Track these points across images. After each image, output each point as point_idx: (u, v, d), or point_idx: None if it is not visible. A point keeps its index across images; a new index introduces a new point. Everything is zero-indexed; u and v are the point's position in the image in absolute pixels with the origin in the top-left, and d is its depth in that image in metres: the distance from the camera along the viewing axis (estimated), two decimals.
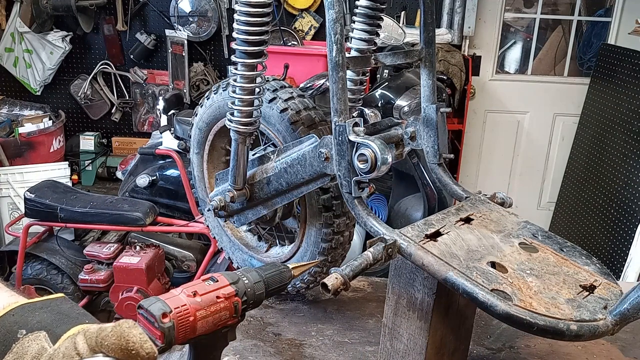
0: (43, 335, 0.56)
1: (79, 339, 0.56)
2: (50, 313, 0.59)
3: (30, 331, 0.56)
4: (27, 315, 0.57)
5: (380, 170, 0.94)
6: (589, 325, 0.79)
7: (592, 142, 3.94)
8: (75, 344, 0.56)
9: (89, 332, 0.56)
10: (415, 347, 0.97)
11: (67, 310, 0.60)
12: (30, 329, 0.56)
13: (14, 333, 0.56)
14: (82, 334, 0.56)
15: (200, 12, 4.23)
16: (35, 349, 0.55)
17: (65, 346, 0.56)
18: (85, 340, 0.56)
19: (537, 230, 1.00)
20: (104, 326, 0.57)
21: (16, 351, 0.55)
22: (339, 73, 0.97)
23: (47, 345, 0.56)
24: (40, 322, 0.57)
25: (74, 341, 0.56)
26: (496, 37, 4.33)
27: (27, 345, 0.55)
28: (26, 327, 0.57)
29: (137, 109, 4.64)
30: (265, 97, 1.22)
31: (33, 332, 0.56)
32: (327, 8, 0.96)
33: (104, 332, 0.55)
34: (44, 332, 0.57)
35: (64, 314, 0.59)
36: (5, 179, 3.84)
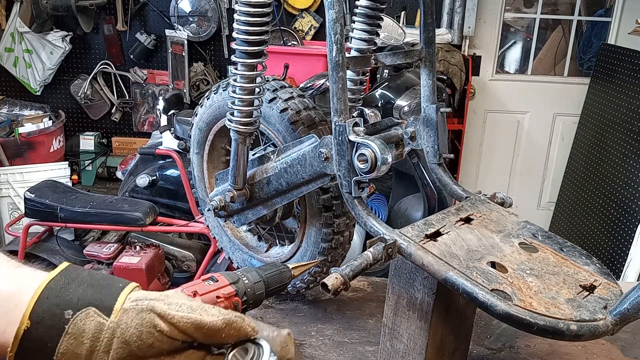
0: (93, 311, 0.54)
1: (154, 318, 0.54)
2: (83, 287, 0.55)
3: (76, 310, 0.53)
4: (62, 295, 0.54)
5: (380, 170, 0.94)
6: (589, 325, 0.79)
7: (592, 142, 3.94)
8: (153, 321, 0.54)
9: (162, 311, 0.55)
10: (415, 347, 0.97)
11: (95, 280, 0.57)
12: (75, 308, 0.53)
13: (59, 315, 0.53)
14: (152, 310, 0.54)
15: (200, 12, 4.23)
16: (92, 326, 0.53)
17: (138, 321, 0.53)
18: (160, 317, 0.54)
19: (537, 230, 1.00)
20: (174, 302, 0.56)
21: (72, 332, 0.52)
22: (339, 73, 0.97)
23: (103, 319, 0.53)
24: (81, 299, 0.54)
25: (150, 318, 0.54)
26: (496, 37, 4.33)
27: (81, 324, 0.53)
28: (69, 307, 0.53)
29: (137, 109, 4.64)
30: (265, 97, 1.22)
31: (80, 310, 0.53)
32: (327, 8, 0.96)
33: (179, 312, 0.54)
34: (92, 307, 0.54)
35: (95, 284, 0.56)
36: (5, 179, 3.84)
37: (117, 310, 0.54)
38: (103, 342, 0.53)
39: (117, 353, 0.53)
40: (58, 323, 0.52)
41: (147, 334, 0.54)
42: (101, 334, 0.53)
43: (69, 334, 0.52)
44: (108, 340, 0.53)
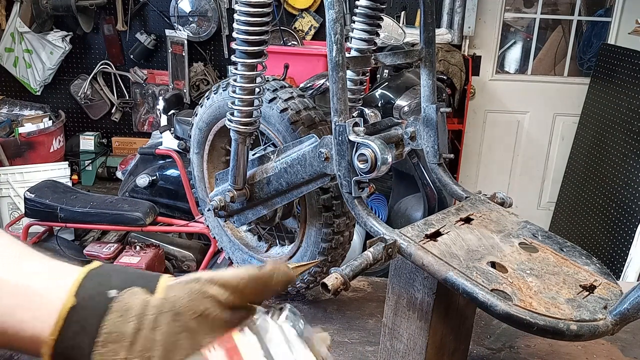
0: (138, 289, 0.52)
1: (203, 284, 0.52)
2: (123, 274, 0.54)
3: (120, 290, 0.52)
4: (104, 279, 0.52)
5: (380, 170, 0.94)
6: (589, 325, 0.79)
7: (592, 142, 3.94)
8: (202, 288, 0.52)
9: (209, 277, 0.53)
10: (415, 347, 0.97)
11: (133, 270, 0.56)
12: (120, 288, 0.52)
13: (103, 295, 0.51)
14: (198, 280, 0.53)
15: (200, 12, 4.23)
16: (137, 302, 0.51)
17: (186, 292, 0.52)
18: (209, 282, 0.53)
19: (537, 230, 1.00)
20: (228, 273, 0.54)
21: (117, 310, 0.50)
22: (339, 73, 0.97)
23: (149, 296, 0.52)
24: (124, 281, 0.53)
25: (199, 286, 0.52)
26: (496, 37, 4.33)
27: (126, 301, 0.51)
28: (113, 288, 0.52)
29: (137, 109, 4.64)
30: (265, 97, 1.22)
31: (124, 289, 0.52)
32: (327, 8, 0.96)
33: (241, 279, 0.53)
34: (136, 287, 0.52)
35: (134, 272, 0.55)
36: (5, 179, 3.84)
37: (161, 287, 0.53)
38: (150, 318, 0.50)
39: (169, 328, 0.51)
40: (102, 302, 0.51)
41: (199, 301, 0.52)
42: (147, 310, 0.51)
43: (114, 312, 0.50)
44: (155, 317, 0.51)
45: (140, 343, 0.49)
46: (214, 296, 0.52)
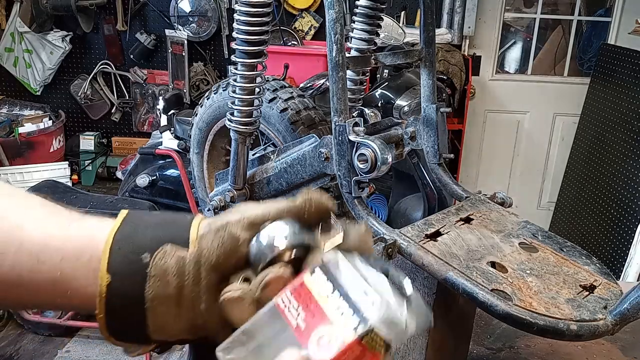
0: (170, 247, 0.50)
1: (237, 230, 0.50)
2: (150, 229, 0.52)
3: (152, 251, 0.50)
4: (133, 242, 0.51)
5: (380, 170, 0.94)
6: (589, 325, 0.79)
7: (592, 142, 3.94)
8: (232, 233, 0.50)
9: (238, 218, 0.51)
10: (415, 347, 0.97)
11: (160, 219, 0.54)
12: (151, 249, 0.50)
13: (137, 262, 0.50)
14: (227, 224, 0.51)
15: (200, 12, 4.23)
16: (173, 262, 0.50)
17: (218, 241, 0.50)
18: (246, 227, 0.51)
19: (537, 230, 1.00)
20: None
21: (155, 275, 0.49)
22: (339, 73, 0.97)
23: (183, 252, 0.50)
24: (153, 239, 0.51)
25: (229, 232, 0.50)
26: (496, 37, 4.33)
27: (161, 264, 0.50)
28: (145, 250, 0.50)
29: (137, 109, 4.64)
30: (265, 97, 1.22)
31: (156, 250, 0.50)
32: (327, 8, 0.96)
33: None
34: (168, 244, 0.50)
35: (162, 223, 0.53)
36: (5, 179, 3.84)
37: (193, 240, 0.51)
38: (190, 274, 0.50)
39: (209, 281, 0.50)
40: (139, 269, 0.50)
41: (232, 249, 0.51)
42: (185, 267, 0.50)
43: (152, 276, 0.49)
44: (195, 271, 0.50)
45: (187, 299, 0.50)
46: (246, 240, 0.51)
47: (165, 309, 0.50)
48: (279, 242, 0.50)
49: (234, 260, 0.51)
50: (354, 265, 0.47)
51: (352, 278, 0.45)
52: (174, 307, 0.50)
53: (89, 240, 0.52)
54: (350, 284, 0.45)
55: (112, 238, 0.51)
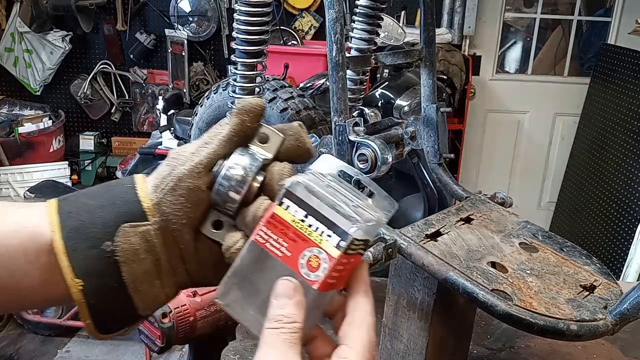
0: (128, 226, 0.47)
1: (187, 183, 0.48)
2: (94, 211, 0.48)
3: (111, 236, 0.47)
4: (86, 234, 0.47)
5: (380, 170, 0.94)
6: (589, 325, 0.79)
7: (592, 142, 3.94)
8: (190, 188, 0.48)
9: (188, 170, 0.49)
10: (416, 347, 0.97)
11: (97, 197, 0.49)
12: (109, 235, 0.47)
13: (100, 254, 0.47)
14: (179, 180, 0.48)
15: (200, 12, 4.23)
16: (137, 240, 0.47)
17: (177, 201, 0.48)
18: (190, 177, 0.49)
19: (537, 230, 1.00)
20: None
21: (125, 260, 0.47)
22: (339, 73, 0.97)
23: (144, 226, 0.47)
24: (105, 223, 0.47)
25: (186, 187, 0.48)
26: (496, 36, 4.33)
27: (127, 247, 0.47)
28: (104, 239, 0.47)
29: (137, 108, 4.64)
30: (265, 97, 1.22)
31: (115, 235, 0.47)
32: (327, 8, 0.96)
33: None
34: (123, 224, 0.47)
35: (103, 201, 0.49)
36: (5, 179, 3.84)
37: (149, 208, 0.48)
38: (160, 245, 0.48)
39: (184, 241, 0.49)
40: (105, 262, 0.47)
41: (197, 202, 0.49)
42: (153, 240, 0.48)
43: (123, 262, 0.47)
44: (165, 240, 0.48)
45: (166, 268, 0.49)
46: (203, 187, 0.49)
47: (149, 286, 0.48)
48: (243, 176, 0.49)
49: (201, 210, 0.50)
50: (314, 182, 0.47)
51: (318, 196, 0.46)
52: (157, 279, 0.48)
53: (29, 236, 0.47)
54: (318, 203, 0.46)
55: (60, 238, 0.47)
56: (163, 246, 0.48)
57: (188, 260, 0.50)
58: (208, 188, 0.50)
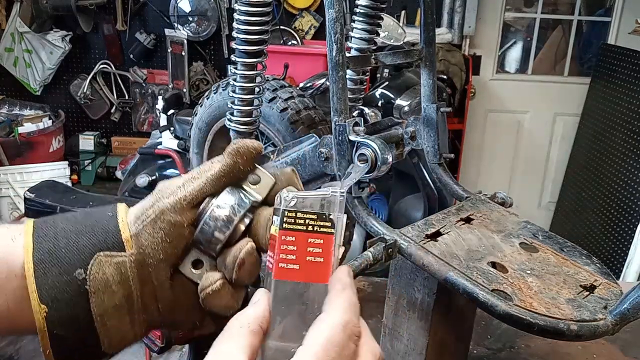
0: (103, 255, 0.45)
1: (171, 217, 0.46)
2: (71, 237, 0.46)
3: (85, 264, 0.45)
4: (58, 259, 0.45)
5: (380, 170, 0.94)
6: (589, 325, 0.79)
7: (592, 142, 3.94)
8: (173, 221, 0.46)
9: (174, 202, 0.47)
10: (416, 347, 0.97)
11: (77, 224, 0.47)
12: (83, 263, 0.45)
13: (71, 282, 0.44)
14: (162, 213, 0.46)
15: (199, 12, 4.23)
16: (112, 270, 0.45)
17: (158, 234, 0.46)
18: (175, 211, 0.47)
19: (538, 230, 1.00)
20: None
21: (96, 290, 0.44)
22: (339, 72, 0.97)
23: (120, 257, 0.45)
24: (81, 251, 0.45)
25: (168, 221, 0.46)
26: (496, 36, 4.33)
27: (100, 276, 0.45)
28: (76, 267, 0.45)
29: (136, 108, 4.63)
30: (265, 97, 1.22)
31: (88, 263, 0.45)
32: (327, 7, 0.96)
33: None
34: (100, 253, 0.45)
35: (81, 228, 0.47)
36: (5, 179, 3.84)
37: (127, 239, 0.46)
38: (135, 278, 0.46)
39: (159, 277, 0.46)
40: (76, 290, 0.44)
41: (177, 237, 0.47)
42: (128, 272, 0.45)
43: (94, 293, 0.44)
44: (140, 274, 0.46)
45: (138, 304, 0.46)
46: (189, 222, 0.48)
47: (117, 322, 0.46)
48: (230, 217, 0.48)
49: (181, 247, 0.47)
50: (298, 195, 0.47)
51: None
52: (126, 315, 0.46)
53: (2, 256, 0.45)
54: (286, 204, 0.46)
55: (32, 260, 0.45)
56: (137, 280, 0.46)
57: (161, 298, 0.47)
58: (191, 225, 0.48)
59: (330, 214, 0.45)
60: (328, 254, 0.45)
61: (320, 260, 0.45)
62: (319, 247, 0.45)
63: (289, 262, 0.44)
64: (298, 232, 0.44)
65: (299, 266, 0.44)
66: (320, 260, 0.45)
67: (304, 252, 0.44)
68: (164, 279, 0.47)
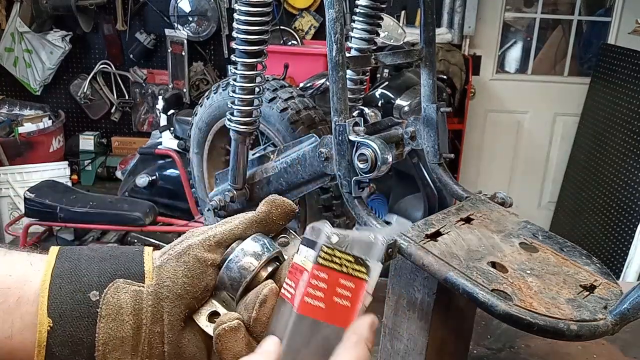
0: (122, 282, 0.44)
1: (198, 252, 0.45)
2: (95, 262, 0.45)
3: (102, 288, 0.43)
4: (77, 279, 0.44)
5: (380, 170, 0.94)
6: (589, 325, 0.79)
7: (592, 142, 3.94)
8: (198, 256, 0.45)
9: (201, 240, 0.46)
10: (416, 347, 0.97)
11: (103, 253, 0.47)
12: (100, 286, 0.43)
13: (84, 301, 0.43)
14: (189, 248, 0.46)
15: (199, 12, 4.23)
16: (128, 298, 0.43)
17: (183, 267, 0.44)
18: (202, 247, 0.46)
19: (538, 230, 1.00)
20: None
21: (107, 315, 0.42)
22: (339, 72, 0.97)
23: (138, 286, 0.44)
24: (101, 275, 0.44)
25: (194, 256, 0.45)
26: (496, 36, 4.33)
27: (114, 301, 0.43)
28: (92, 288, 0.43)
29: (136, 108, 4.63)
30: (265, 97, 1.22)
31: (106, 287, 0.44)
32: (327, 7, 0.96)
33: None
34: (119, 279, 0.44)
35: (107, 256, 0.46)
36: (5, 179, 3.84)
37: (149, 271, 0.45)
38: (148, 311, 0.43)
39: (173, 316, 0.44)
40: (87, 310, 0.42)
41: (199, 275, 0.45)
42: (142, 303, 0.43)
43: (103, 317, 0.42)
44: (154, 307, 0.43)
45: (145, 342, 0.44)
46: (213, 262, 0.46)
47: (119, 356, 0.43)
48: (255, 259, 0.47)
49: (202, 287, 0.46)
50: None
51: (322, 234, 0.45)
52: (130, 352, 0.43)
53: (17, 279, 0.43)
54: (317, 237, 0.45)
55: (50, 275, 0.43)
56: (150, 314, 0.44)
57: (169, 342, 0.44)
58: (215, 266, 0.47)
59: (368, 259, 0.44)
60: (356, 300, 0.44)
61: (347, 304, 0.44)
62: (349, 290, 0.44)
63: (316, 299, 0.43)
64: (332, 270, 0.43)
65: (325, 305, 0.43)
66: (347, 304, 0.44)
67: (332, 292, 0.43)
68: (176, 318, 0.45)
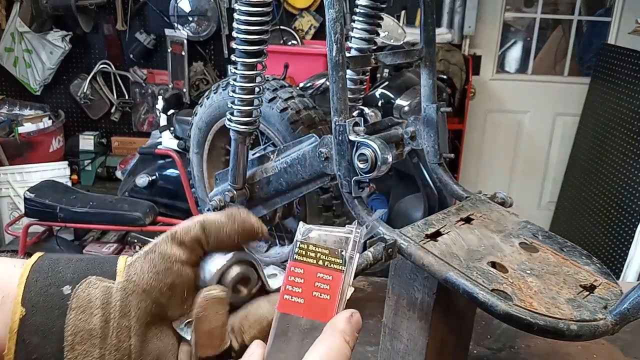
0: (94, 278, 0.46)
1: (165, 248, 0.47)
2: (72, 263, 0.48)
3: (75, 283, 0.46)
4: (53, 275, 0.47)
5: (380, 170, 0.94)
6: (589, 325, 0.79)
7: (592, 142, 3.94)
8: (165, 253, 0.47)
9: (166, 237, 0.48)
10: (416, 347, 0.97)
11: (81, 257, 0.50)
12: (74, 282, 0.46)
13: (56, 294, 0.45)
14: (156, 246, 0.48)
15: (199, 12, 4.23)
16: (98, 292, 0.46)
17: (149, 264, 0.47)
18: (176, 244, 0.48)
19: (538, 230, 1.00)
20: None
21: (76, 307, 0.45)
22: (339, 72, 0.97)
23: (109, 283, 0.46)
24: (76, 272, 0.47)
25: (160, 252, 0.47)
26: (496, 36, 4.33)
27: (84, 295, 0.45)
28: (66, 283, 0.46)
29: (136, 108, 4.63)
30: (265, 97, 1.22)
31: (79, 282, 0.46)
32: (327, 7, 0.96)
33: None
34: (92, 276, 0.47)
35: (84, 259, 0.49)
36: (5, 179, 3.84)
37: (120, 270, 0.47)
38: (116, 305, 0.46)
39: (140, 310, 0.46)
40: (58, 302, 0.45)
41: (165, 271, 0.47)
42: (111, 297, 0.46)
43: (73, 309, 0.45)
44: (122, 302, 0.46)
45: (113, 334, 0.45)
46: (177, 258, 0.48)
47: (86, 348, 0.44)
48: (223, 260, 0.49)
49: (168, 282, 0.47)
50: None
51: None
52: (97, 347, 0.45)
53: (1, 280, 0.46)
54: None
55: (29, 270, 0.46)
56: (118, 309, 0.46)
57: (136, 334, 0.46)
58: (184, 263, 0.48)
59: (343, 250, 0.44)
60: (335, 292, 0.43)
61: (326, 297, 0.43)
62: (327, 283, 0.43)
63: (295, 295, 0.43)
64: (307, 264, 0.43)
65: (304, 300, 0.43)
66: (326, 297, 0.43)
67: (311, 287, 0.43)
68: (143, 312, 0.46)
